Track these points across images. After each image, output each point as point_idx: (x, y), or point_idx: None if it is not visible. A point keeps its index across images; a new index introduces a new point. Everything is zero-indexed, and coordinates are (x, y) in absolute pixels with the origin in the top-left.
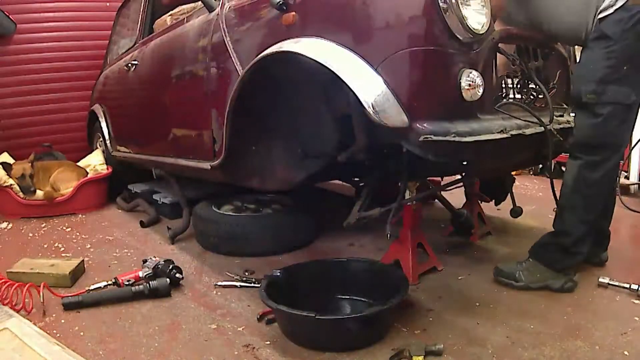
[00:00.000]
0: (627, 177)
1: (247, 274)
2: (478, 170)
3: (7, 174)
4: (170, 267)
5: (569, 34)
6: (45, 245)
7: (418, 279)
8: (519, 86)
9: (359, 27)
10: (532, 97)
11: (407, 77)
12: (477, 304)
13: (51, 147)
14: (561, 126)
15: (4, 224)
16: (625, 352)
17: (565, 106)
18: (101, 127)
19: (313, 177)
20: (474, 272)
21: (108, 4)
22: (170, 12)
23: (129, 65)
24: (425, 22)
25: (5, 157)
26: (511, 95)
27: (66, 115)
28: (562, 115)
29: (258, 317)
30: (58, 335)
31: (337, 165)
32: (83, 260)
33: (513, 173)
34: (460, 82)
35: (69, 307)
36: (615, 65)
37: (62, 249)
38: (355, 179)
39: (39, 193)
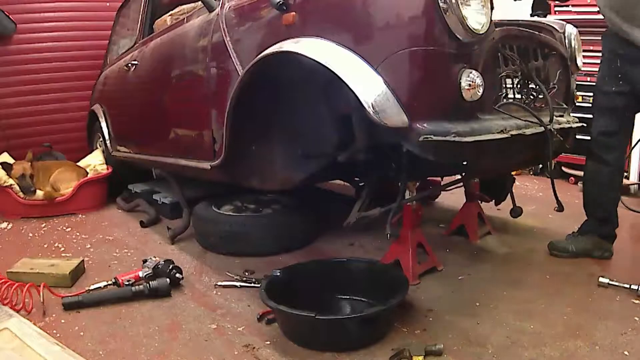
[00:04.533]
0: (627, 177)
1: (247, 274)
2: (478, 170)
3: (7, 174)
4: (170, 267)
5: None
6: (45, 245)
7: (418, 279)
8: (519, 86)
9: (359, 27)
10: (532, 97)
11: (407, 77)
12: (477, 304)
13: (51, 147)
14: (561, 126)
15: (4, 224)
16: (625, 352)
17: (565, 106)
18: (101, 127)
19: (313, 177)
20: (474, 272)
21: (108, 4)
22: (170, 12)
23: (129, 65)
24: (425, 22)
25: (5, 157)
26: (511, 95)
27: (66, 115)
28: (562, 116)
29: (258, 317)
30: (58, 335)
31: (337, 165)
32: (83, 260)
33: (513, 173)
34: (460, 82)
35: (69, 307)
36: None
37: (62, 249)
38: (355, 179)
39: (39, 193)
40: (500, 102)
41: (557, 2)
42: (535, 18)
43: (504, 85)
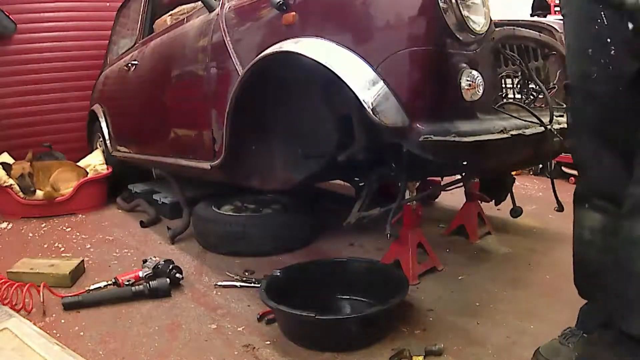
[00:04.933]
0: None
1: (247, 274)
2: (478, 170)
3: (7, 174)
4: (170, 267)
5: None
6: (45, 245)
7: (418, 279)
8: (519, 86)
9: (359, 27)
10: (532, 97)
11: (407, 77)
12: (477, 304)
13: (51, 147)
14: (561, 126)
15: (4, 224)
16: None
17: (565, 106)
18: (101, 127)
19: (313, 177)
20: (474, 272)
21: (108, 4)
22: (170, 12)
23: (129, 65)
24: (425, 22)
25: (5, 157)
26: (511, 95)
27: (66, 115)
28: (562, 115)
29: (258, 317)
30: (58, 335)
31: (337, 165)
32: (83, 260)
33: (513, 173)
34: (460, 82)
35: (69, 307)
36: None
37: (62, 249)
38: (355, 179)
39: (39, 193)
40: (500, 102)
41: None
42: (535, 18)
43: (504, 85)
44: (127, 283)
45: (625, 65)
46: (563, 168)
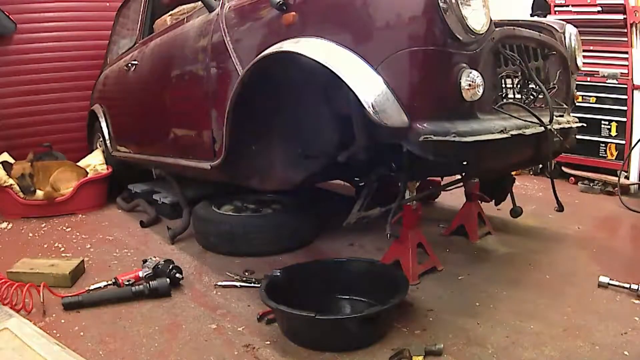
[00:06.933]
0: (627, 177)
1: (247, 274)
2: (478, 170)
3: (7, 174)
4: (170, 267)
5: None
6: (45, 245)
7: (418, 279)
8: (519, 86)
9: (359, 27)
10: (532, 97)
11: (407, 77)
12: (477, 304)
13: (51, 147)
14: (561, 126)
15: (4, 224)
16: (625, 352)
17: (565, 106)
18: (101, 127)
19: (313, 177)
20: (474, 272)
21: (108, 4)
22: (170, 12)
23: (129, 65)
24: (425, 22)
25: (5, 157)
26: (511, 95)
27: (66, 115)
28: (562, 115)
29: (258, 317)
30: (58, 335)
31: (337, 165)
32: (83, 260)
33: (513, 173)
34: (460, 82)
35: (69, 307)
36: None
37: (62, 249)
38: (355, 179)
39: (39, 193)
40: (500, 102)
41: None
42: (535, 18)
43: (504, 85)
44: (127, 283)
45: None
46: (563, 168)
